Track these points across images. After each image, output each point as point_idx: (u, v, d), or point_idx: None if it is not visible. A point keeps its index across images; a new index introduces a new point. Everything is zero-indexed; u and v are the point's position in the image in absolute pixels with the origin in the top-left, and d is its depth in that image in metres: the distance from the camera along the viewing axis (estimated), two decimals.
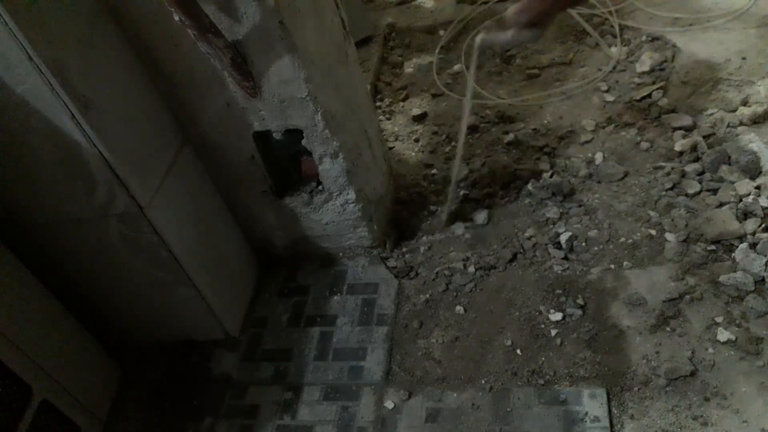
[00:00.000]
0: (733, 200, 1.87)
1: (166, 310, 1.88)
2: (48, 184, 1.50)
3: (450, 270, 1.95)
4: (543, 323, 1.75)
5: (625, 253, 1.86)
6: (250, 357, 1.92)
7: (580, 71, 2.58)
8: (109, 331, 1.95)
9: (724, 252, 1.78)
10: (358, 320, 1.91)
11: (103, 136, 1.41)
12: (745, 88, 2.20)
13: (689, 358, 1.59)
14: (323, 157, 1.75)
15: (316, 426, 1.71)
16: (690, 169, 2.01)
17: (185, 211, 1.74)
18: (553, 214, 2.00)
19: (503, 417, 1.60)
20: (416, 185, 2.28)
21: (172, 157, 1.69)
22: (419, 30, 3.07)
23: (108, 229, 1.60)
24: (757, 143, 1.98)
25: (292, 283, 2.09)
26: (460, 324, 1.82)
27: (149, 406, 1.88)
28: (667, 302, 1.70)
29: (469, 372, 1.71)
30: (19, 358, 1.54)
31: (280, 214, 1.96)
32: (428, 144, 2.46)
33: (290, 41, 1.46)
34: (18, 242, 1.62)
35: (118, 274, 1.75)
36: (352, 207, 1.90)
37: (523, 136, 2.34)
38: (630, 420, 1.53)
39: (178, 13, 1.29)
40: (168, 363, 1.98)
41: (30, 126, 1.37)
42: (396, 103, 2.71)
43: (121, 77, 1.51)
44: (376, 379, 1.76)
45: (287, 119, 1.65)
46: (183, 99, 1.65)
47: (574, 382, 1.62)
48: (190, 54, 1.50)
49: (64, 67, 1.31)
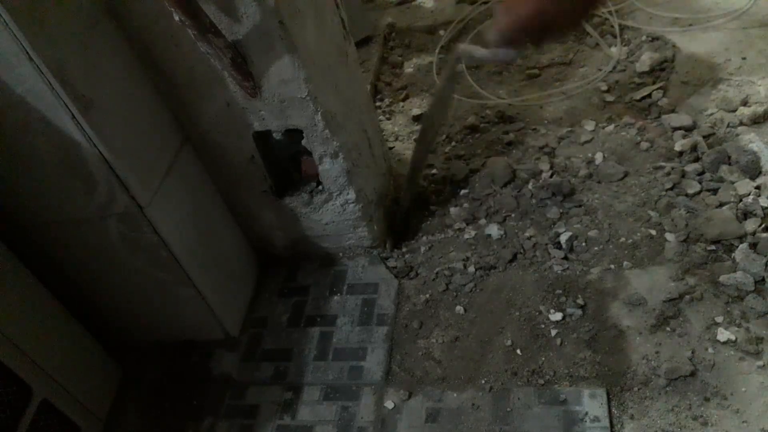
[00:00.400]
0: (733, 200, 1.87)
1: (166, 310, 1.88)
2: (48, 184, 1.50)
3: (450, 270, 1.95)
4: (543, 323, 1.75)
5: (625, 253, 1.86)
6: (250, 357, 1.92)
7: (580, 71, 2.57)
8: (109, 331, 1.95)
9: (724, 252, 1.78)
10: (358, 320, 1.91)
11: (103, 136, 1.41)
12: (745, 88, 2.20)
13: (689, 358, 1.59)
14: (323, 157, 1.75)
15: (316, 426, 1.71)
16: (690, 169, 2.01)
17: (185, 211, 1.74)
18: (552, 214, 2.00)
19: (503, 417, 1.60)
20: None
21: (172, 157, 1.69)
22: (419, 30, 3.07)
23: (108, 229, 1.60)
24: (757, 143, 1.98)
25: (292, 283, 2.09)
26: (460, 324, 1.82)
27: (149, 406, 1.88)
28: (667, 302, 1.70)
29: (469, 372, 1.71)
30: (19, 358, 1.54)
31: (280, 214, 1.96)
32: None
33: (290, 41, 1.46)
34: (18, 242, 1.62)
35: (118, 274, 1.75)
36: (352, 207, 1.90)
37: (523, 136, 2.34)
38: (630, 420, 1.53)
39: (178, 13, 1.29)
40: (168, 363, 1.98)
41: (30, 126, 1.37)
42: (396, 103, 2.71)
43: (121, 77, 1.51)
44: (376, 379, 1.76)
45: (287, 119, 1.65)
46: (183, 99, 1.65)
47: (574, 382, 1.62)
48: (190, 54, 1.50)
49: (64, 67, 1.31)
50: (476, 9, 3.00)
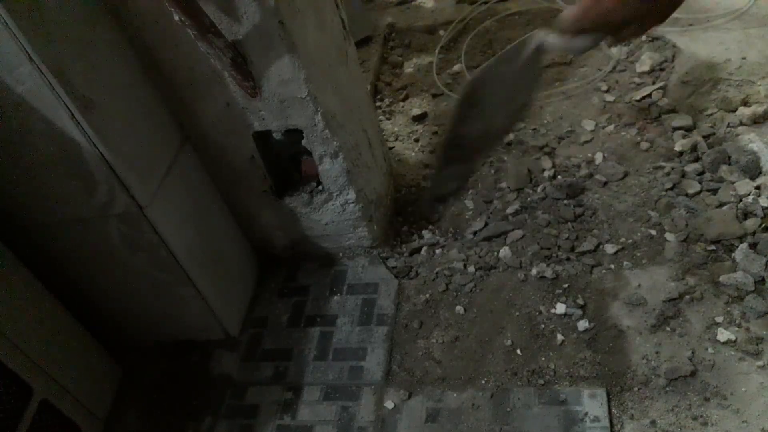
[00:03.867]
0: (733, 200, 1.87)
1: (166, 310, 1.88)
2: (48, 184, 1.50)
3: (450, 270, 1.95)
4: (543, 323, 1.75)
5: (625, 253, 1.86)
6: (250, 357, 1.92)
7: (580, 71, 2.57)
8: (109, 331, 1.95)
9: (724, 252, 1.78)
10: (358, 320, 1.91)
11: (103, 136, 1.41)
12: (745, 88, 2.20)
13: (689, 358, 1.59)
14: (323, 157, 1.75)
15: (316, 426, 1.71)
16: (690, 169, 2.01)
17: (185, 211, 1.74)
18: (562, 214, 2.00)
19: (503, 417, 1.60)
20: (416, 185, 2.28)
21: (172, 157, 1.69)
22: (419, 30, 3.07)
23: (108, 229, 1.60)
24: (757, 143, 1.98)
25: (292, 283, 2.09)
26: (460, 324, 1.82)
27: (149, 406, 1.88)
28: (667, 302, 1.70)
29: (469, 372, 1.71)
30: (19, 358, 1.54)
31: (280, 214, 1.96)
32: (428, 144, 2.46)
33: (290, 41, 1.46)
34: (18, 242, 1.62)
35: (118, 274, 1.75)
36: (352, 207, 1.90)
37: (523, 136, 2.34)
38: (630, 420, 1.53)
39: (178, 13, 1.29)
40: (168, 363, 1.98)
41: (30, 126, 1.37)
42: (396, 103, 2.71)
43: (121, 77, 1.51)
44: (376, 379, 1.76)
45: (287, 119, 1.65)
46: (183, 99, 1.65)
47: (574, 382, 1.62)
48: (190, 54, 1.50)
49: (64, 67, 1.31)
50: (476, 9, 3.00)
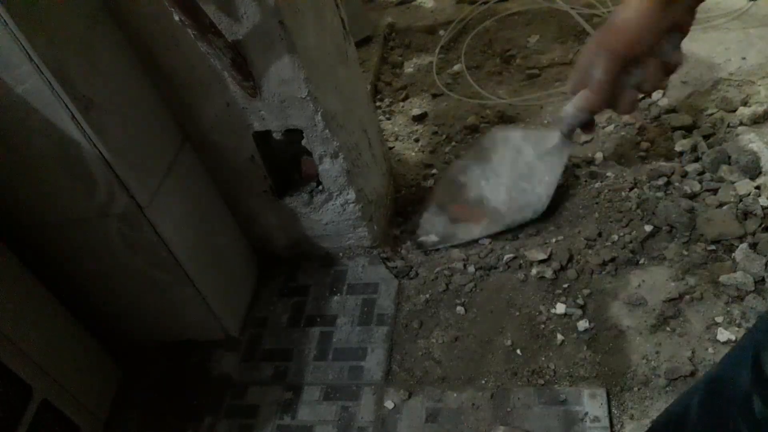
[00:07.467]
0: (733, 200, 1.87)
1: (166, 310, 1.88)
2: (48, 184, 1.50)
3: (450, 270, 1.95)
4: (543, 323, 1.75)
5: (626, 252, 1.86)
6: (250, 357, 1.92)
7: None
8: (109, 331, 1.95)
9: (724, 252, 1.78)
10: (358, 320, 1.91)
11: (103, 136, 1.41)
12: (745, 88, 2.20)
13: (689, 358, 1.59)
14: (323, 157, 1.75)
15: (316, 426, 1.71)
16: (690, 169, 2.01)
17: (185, 211, 1.74)
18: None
19: (503, 417, 1.60)
20: (416, 185, 2.29)
21: (172, 157, 1.69)
22: (419, 30, 3.07)
23: (108, 229, 1.60)
24: (757, 143, 1.98)
25: (292, 283, 2.09)
26: (460, 324, 1.82)
27: (149, 406, 1.88)
28: (667, 302, 1.70)
29: (469, 372, 1.71)
30: (19, 358, 1.54)
31: (280, 214, 1.96)
32: (428, 144, 2.46)
33: (290, 41, 1.46)
34: (18, 242, 1.62)
35: (118, 274, 1.75)
36: (352, 207, 1.90)
37: None
38: (630, 420, 1.53)
39: (178, 13, 1.29)
40: (168, 363, 1.98)
41: (30, 126, 1.37)
42: (396, 103, 2.71)
43: (121, 77, 1.51)
44: (376, 379, 1.76)
45: (287, 119, 1.65)
46: (183, 99, 1.65)
47: (574, 382, 1.62)
48: (190, 54, 1.50)
49: (64, 67, 1.31)
50: (476, 9, 3.01)
